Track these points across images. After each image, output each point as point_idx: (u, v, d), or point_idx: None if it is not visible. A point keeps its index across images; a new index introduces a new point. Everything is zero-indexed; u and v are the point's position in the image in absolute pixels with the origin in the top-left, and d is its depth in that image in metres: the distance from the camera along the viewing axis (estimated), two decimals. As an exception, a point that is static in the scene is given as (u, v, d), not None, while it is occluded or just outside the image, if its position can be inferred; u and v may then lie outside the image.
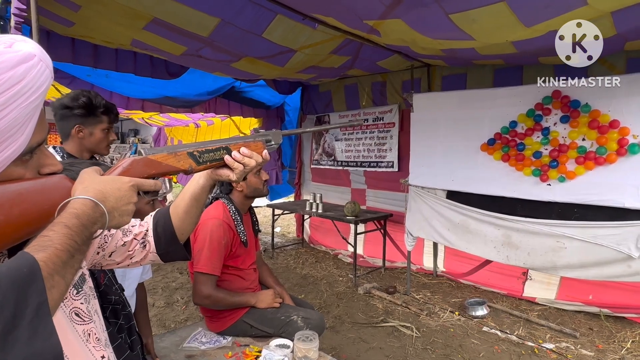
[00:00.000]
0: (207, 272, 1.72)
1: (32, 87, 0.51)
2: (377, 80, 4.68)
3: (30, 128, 0.54)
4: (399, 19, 2.28)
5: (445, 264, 4.26)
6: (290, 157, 6.29)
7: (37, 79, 0.52)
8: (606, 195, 2.53)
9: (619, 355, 2.68)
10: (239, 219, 1.87)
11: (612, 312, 3.17)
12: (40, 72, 0.52)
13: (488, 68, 3.69)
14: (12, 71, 0.49)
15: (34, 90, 0.51)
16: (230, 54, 3.19)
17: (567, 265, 2.70)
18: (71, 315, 0.66)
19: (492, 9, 1.98)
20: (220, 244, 1.76)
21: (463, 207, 3.24)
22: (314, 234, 5.72)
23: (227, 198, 1.90)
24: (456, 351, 2.76)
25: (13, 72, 0.49)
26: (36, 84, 0.52)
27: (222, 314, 1.85)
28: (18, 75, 0.50)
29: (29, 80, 0.51)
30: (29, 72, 0.51)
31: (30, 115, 0.52)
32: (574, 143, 2.68)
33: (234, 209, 1.87)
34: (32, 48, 0.52)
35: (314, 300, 3.66)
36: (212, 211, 1.84)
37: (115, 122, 1.73)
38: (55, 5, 2.35)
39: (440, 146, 3.41)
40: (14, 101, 0.49)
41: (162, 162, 0.74)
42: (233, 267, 1.87)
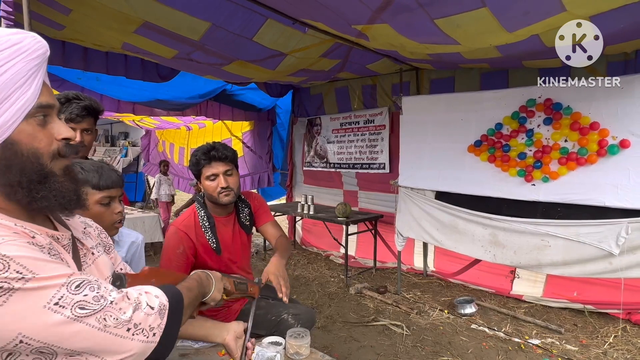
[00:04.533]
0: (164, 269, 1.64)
1: (29, 49, 0.61)
2: (367, 83, 4.74)
3: (36, 86, 0.62)
4: (386, 24, 2.34)
5: (435, 263, 4.33)
6: (282, 159, 6.32)
7: (34, 44, 0.62)
8: (588, 195, 2.62)
9: (602, 350, 2.76)
10: (207, 225, 1.76)
11: (595, 308, 3.26)
12: (36, 40, 0.63)
13: (475, 71, 3.78)
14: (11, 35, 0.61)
15: (31, 51, 0.61)
16: (221, 58, 3.22)
17: (552, 263, 2.78)
18: None
19: (475, 15, 2.05)
20: (175, 252, 1.69)
21: (451, 207, 3.31)
22: (306, 235, 5.76)
23: (200, 202, 1.83)
24: (445, 348, 2.82)
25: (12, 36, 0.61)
26: (33, 47, 0.62)
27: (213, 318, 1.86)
28: (16, 38, 0.60)
29: (26, 43, 0.61)
30: (25, 37, 0.61)
31: (32, 72, 0.61)
32: (556, 144, 2.76)
33: (203, 213, 1.78)
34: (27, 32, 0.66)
35: (306, 301, 3.69)
36: (179, 217, 1.83)
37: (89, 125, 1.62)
38: (46, 9, 2.37)
39: (428, 148, 3.48)
40: (16, 57, 0.60)
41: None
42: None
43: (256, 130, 6.25)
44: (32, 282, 0.54)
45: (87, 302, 0.59)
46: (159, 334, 0.67)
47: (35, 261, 0.57)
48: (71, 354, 0.59)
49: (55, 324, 0.56)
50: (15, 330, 0.54)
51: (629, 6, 1.87)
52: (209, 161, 1.72)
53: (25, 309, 0.54)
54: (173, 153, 8.78)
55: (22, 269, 0.54)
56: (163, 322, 0.68)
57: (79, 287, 0.60)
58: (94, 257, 0.81)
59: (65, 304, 0.57)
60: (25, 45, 0.61)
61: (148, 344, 0.65)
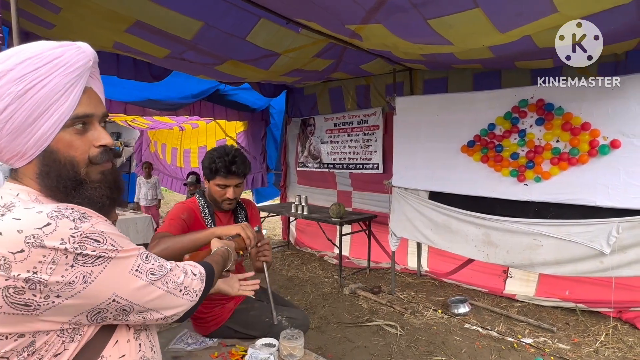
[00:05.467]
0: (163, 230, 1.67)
1: (69, 62, 0.67)
2: (361, 83, 4.75)
3: (73, 98, 0.68)
4: (380, 24, 2.34)
5: (429, 263, 4.35)
6: (276, 160, 6.31)
7: (74, 57, 0.68)
8: (579, 195, 2.64)
9: (594, 348, 2.78)
10: (207, 212, 1.84)
11: (587, 307, 3.30)
12: (78, 52, 0.69)
13: (468, 72, 3.80)
14: (52, 50, 0.67)
15: (70, 64, 0.67)
16: (214, 57, 3.20)
17: (544, 262, 2.80)
18: None
19: (468, 15, 2.06)
20: (178, 217, 1.73)
21: (445, 207, 3.32)
22: (300, 236, 5.74)
23: (201, 195, 1.90)
24: (439, 348, 2.83)
25: (52, 51, 0.67)
26: (72, 60, 0.67)
27: (206, 319, 1.85)
28: (57, 52, 0.66)
29: (66, 56, 0.67)
30: (66, 51, 0.67)
31: (70, 85, 0.67)
32: (548, 144, 2.78)
33: (203, 202, 1.85)
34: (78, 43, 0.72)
35: (299, 302, 3.68)
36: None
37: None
38: (35, 7, 2.33)
39: (422, 148, 3.49)
40: (54, 71, 0.65)
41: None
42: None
43: (250, 130, 6.23)
44: (121, 252, 0.68)
45: (155, 269, 0.74)
46: (200, 295, 0.84)
47: (119, 237, 0.68)
48: (143, 310, 0.72)
49: (138, 287, 0.70)
50: (111, 291, 0.67)
51: (619, 8, 1.89)
52: (227, 174, 1.77)
53: (118, 274, 0.67)
54: (165, 154, 8.71)
55: (114, 242, 0.67)
56: (203, 285, 0.85)
57: (148, 258, 0.74)
58: None
59: (143, 270, 0.71)
60: (65, 58, 0.67)
61: (192, 302, 0.81)
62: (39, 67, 0.64)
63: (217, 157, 1.76)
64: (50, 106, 0.66)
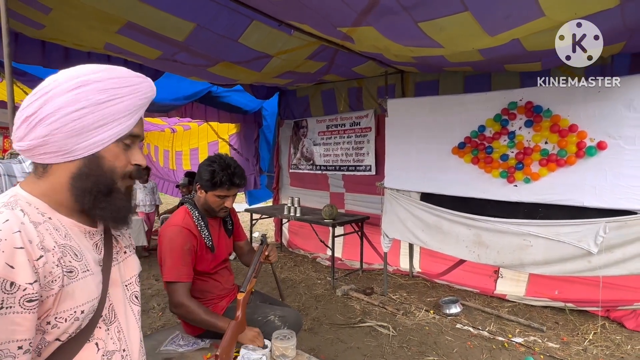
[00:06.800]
0: (173, 280, 1.67)
1: (142, 90, 0.79)
2: (353, 85, 4.77)
3: (135, 119, 0.78)
4: (371, 27, 2.36)
5: (421, 264, 4.37)
6: (269, 162, 6.30)
7: (146, 88, 0.80)
8: (567, 195, 2.68)
9: (582, 347, 2.82)
10: (203, 224, 1.81)
11: (576, 306, 3.35)
12: (149, 85, 0.81)
13: (459, 75, 3.84)
14: (134, 78, 0.79)
15: (142, 93, 0.79)
16: (207, 59, 3.20)
17: (533, 262, 2.84)
18: (131, 298, 0.90)
19: (457, 18, 2.09)
20: (183, 250, 1.70)
21: (436, 208, 3.35)
22: (292, 238, 5.74)
23: (191, 203, 1.85)
24: (431, 348, 2.85)
25: (134, 79, 0.79)
26: (145, 90, 0.80)
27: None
28: (137, 81, 0.79)
29: (142, 87, 0.79)
30: (143, 82, 0.80)
31: (137, 108, 0.78)
32: (537, 146, 2.82)
33: (197, 214, 1.81)
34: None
35: (292, 303, 3.68)
36: (172, 218, 1.81)
37: None
38: (25, 8, 2.31)
39: (413, 150, 3.52)
40: (131, 94, 0.77)
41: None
42: (202, 273, 1.83)
43: (242, 132, 6.22)
44: None
45: None
46: None
47: None
48: None
49: None
50: None
51: (605, 12, 1.93)
52: (230, 187, 1.79)
53: None
54: (158, 156, 8.65)
55: None
56: None
57: None
58: (125, 255, 0.92)
59: None
60: (142, 87, 0.79)
61: None
62: (123, 87, 0.75)
63: (219, 170, 1.75)
64: (116, 120, 0.75)
